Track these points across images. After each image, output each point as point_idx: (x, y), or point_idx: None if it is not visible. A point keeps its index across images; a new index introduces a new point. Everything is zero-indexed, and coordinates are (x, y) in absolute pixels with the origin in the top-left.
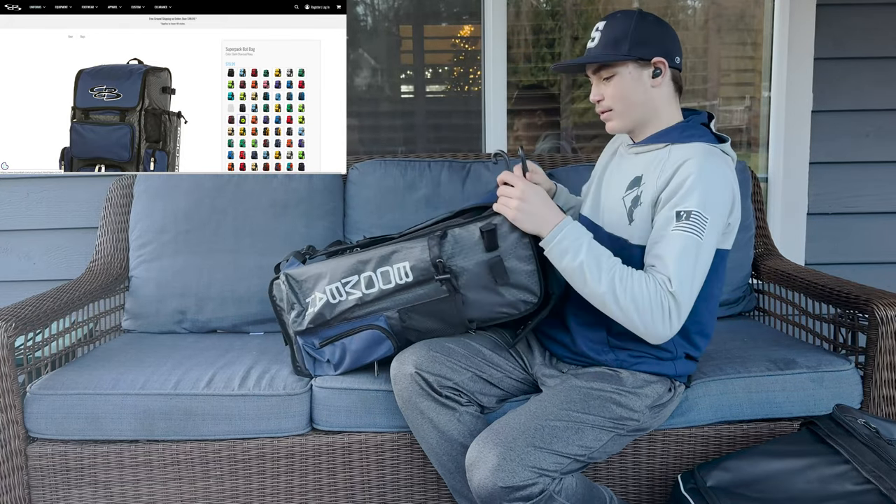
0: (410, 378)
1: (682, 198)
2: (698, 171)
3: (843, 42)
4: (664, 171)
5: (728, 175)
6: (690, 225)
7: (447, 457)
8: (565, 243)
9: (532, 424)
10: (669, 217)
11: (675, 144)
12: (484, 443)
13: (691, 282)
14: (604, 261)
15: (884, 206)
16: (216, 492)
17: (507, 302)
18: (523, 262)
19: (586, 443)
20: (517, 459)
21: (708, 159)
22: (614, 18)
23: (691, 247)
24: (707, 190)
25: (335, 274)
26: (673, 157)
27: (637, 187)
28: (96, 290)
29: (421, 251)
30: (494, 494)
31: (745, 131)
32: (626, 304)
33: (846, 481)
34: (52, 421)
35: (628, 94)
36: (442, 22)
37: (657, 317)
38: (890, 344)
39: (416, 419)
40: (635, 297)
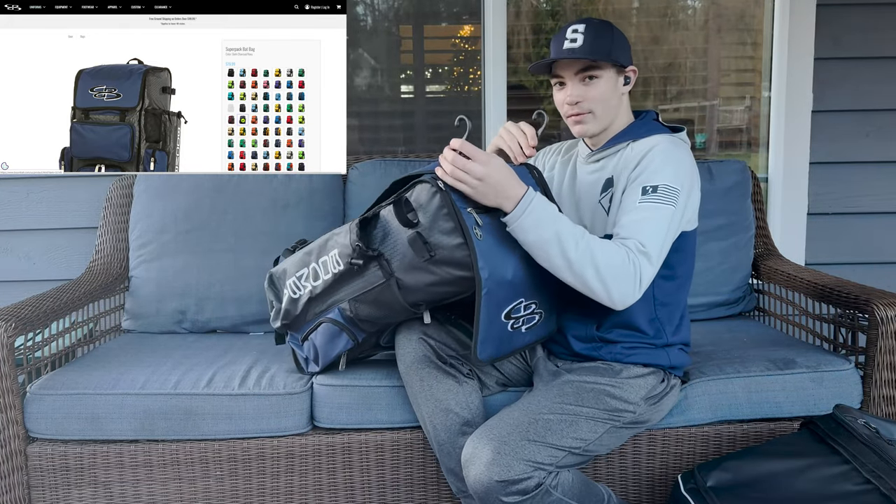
0: (416, 342)
1: (648, 175)
2: (662, 152)
3: (843, 42)
4: (631, 161)
5: (689, 158)
6: (657, 196)
7: (441, 426)
8: (537, 213)
9: (526, 419)
10: (635, 191)
11: (635, 141)
12: (479, 439)
13: (661, 244)
14: (575, 229)
15: (884, 206)
16: (216, 492)
17: (444, 280)
18: (448, 235)
19: (581, 435)
20: (512, 453)
21: (671, 143)
22: (592, 23)
23: (658, 214)
24: (674, 166)
25: (291, 270)
26: (637, 148)
27: (611, 188)
28: (96, 290)
29: (345, 236)
30: (490, 489)
31: (745, 131)
32: (603, 267)
33: (846, 481)
34: (52, 421)
35: (608, 97)
36: (442, 22)
37: (629, 279)
38: (890, 344)
39: (415, 385)
40: (609, 261)
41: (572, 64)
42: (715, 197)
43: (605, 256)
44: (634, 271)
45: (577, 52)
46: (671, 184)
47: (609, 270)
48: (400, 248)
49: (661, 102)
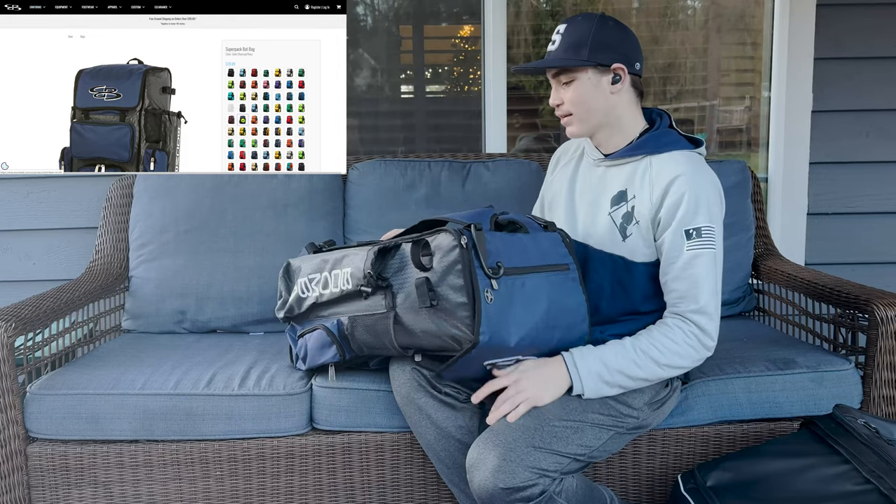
0: (409, 374)
1: (685, 215)
2: (693, 186)
3: (843, 42)
4: (655, 187)
5: (714, 179)
6: (703, 241)
7: (445, 453)
8: (589, 366)
9: (531, 425)
10: (680, 237)
11: (653, 155)
12: (484, 444)
13: (716, 296)
14: (625, 349)
15: (884, 206)
16: (216, 492)
17: (437, 333)
18: (455, 291)
19: (586, 442)
20: (517, 460)
21: (696, 170)
22: (574, 22)
23: (709, 262)
24: (707, 202)
25: (307, 269)
26: (659, 171)
27: (624, 202)
28: (96, 290)
29: (361, 260)
30: (495, 496)
31: (745, 131)
32: (666, 362)
33: (846, 481)
34: (52, 421)
35: (587, 99)
36: (442, 22)
37: (691, 349)
38: (890, 344)
39: (414, 415)
40: (670, 351)
41: (549, 68)
42: None
43: (664, 353)
44: (693, 340)
45: (548, 57)
46: (710, 223)
47: (673, 359)
48: (408, 285)
49: (661, 102)
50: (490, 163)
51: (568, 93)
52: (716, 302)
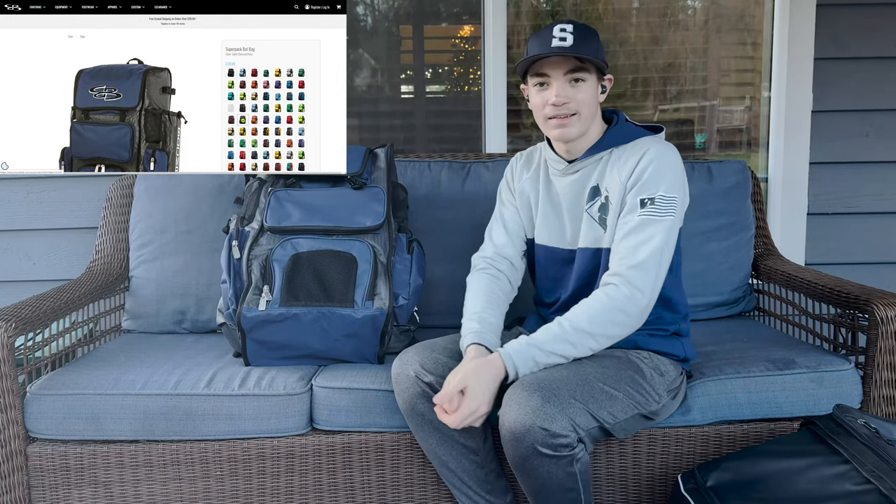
0: (412, 381)
1: (644, 185)
2: (658, 158)
3: (843, 42)
4: (623, 170)
5: (679, 160)
6: (655, 209)
7: (449, 456)
8: (523, 356)
9: (575, 379)
10: (635, 205)
11: (617, 147)
12: (525, 387)
13: (659, 257)
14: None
15: (884, 206)
16: (216, 492)
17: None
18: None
19: (615, 412)
20: (560, 406)
21: (660, 146)
22: (579, 25)
23: (657, 229)
24: (671, 171)
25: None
26: (627, 157)
27: (598, 196)
28: (96, 290)
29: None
30: (530, 432)
31: (745, 131)
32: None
33: (846, 481)
34: (52, 421)
35: (591, 101)
36: (442, 22)
37: (624, 319)
38: (890, 344)
39: (417, 421)
40: (599, 319)
41: (562, 63)
42: (715, 197)
43: (596, 323)
44: (623, 302)
45: (568, 50)
46: (668, 193)
47: (606, 327)
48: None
49: (661, 102)
50: (490, 163)
51: (580, 92)
52: (656, 261)
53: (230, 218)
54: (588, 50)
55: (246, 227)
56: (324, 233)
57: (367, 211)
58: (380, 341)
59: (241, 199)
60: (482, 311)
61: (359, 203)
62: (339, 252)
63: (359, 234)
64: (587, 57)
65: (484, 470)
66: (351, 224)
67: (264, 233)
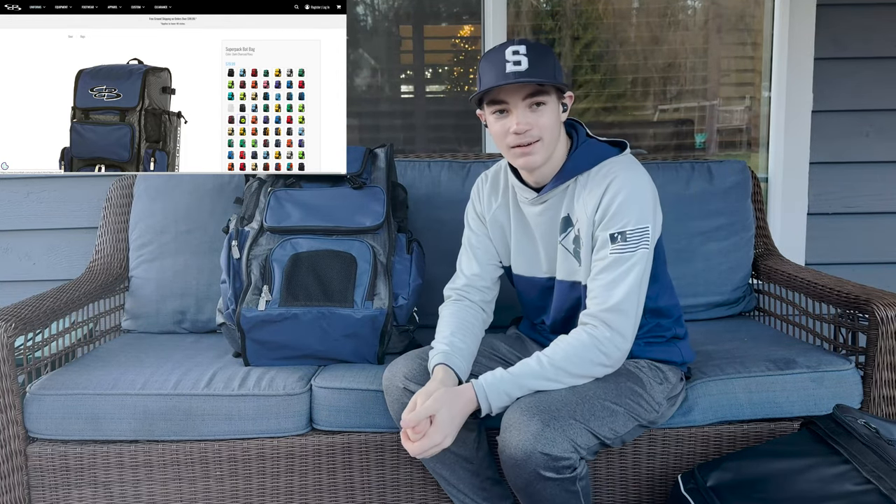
0: (400, 392)
1: (612, 219)
2: (624, 187)
3: (843, 42)
4: (591, 196)
5: (646, 178)
6: (627, 244)
7: (441, 465)
8: (497, 389)
9: (574, 399)
10: (605, 241)
11: (582, 174)
12: (524, 410)
13: (635, 295)
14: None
15: (884, 206)
16: (216, 492)
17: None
18: None
19: (616, 427)
20: (559, 429)
21: (627, 174)
22: (532, 44)
23: (631, 264)
24: (639, 200)
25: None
26: (593, 187)
27: (571, 227)
28: (96, 290)
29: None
30: (531, 459)
31: (745, 131)
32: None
33: (846, 481)
34: (52, 421)
35: (553, 124)
36: (442, 22)
37: (604, 359)
38: (890, 344)
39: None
40: (576, 359)
41: (520, 89)
42: (715, 197)
43: (576, 363)
44: (603, 344)
45: (524, 76)
46: (639, 224)
47: (586, 367)
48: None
49: (661, 102)
50: (490, 163)
51: (541, 117)
52: (634, 301)
53: (230, 218)
54: (545, 72)
55: (246, 227)
56: (323, 233)
57: (366, 211)
58: (379, 341)
59: (241, 199)
60: (451, 336)
61: (358, 203)
62: (339, 252)
63: (358, 234)
64: (542, 81)
65: (479, 477)
66: (351, 224)
67: (264, 233)
